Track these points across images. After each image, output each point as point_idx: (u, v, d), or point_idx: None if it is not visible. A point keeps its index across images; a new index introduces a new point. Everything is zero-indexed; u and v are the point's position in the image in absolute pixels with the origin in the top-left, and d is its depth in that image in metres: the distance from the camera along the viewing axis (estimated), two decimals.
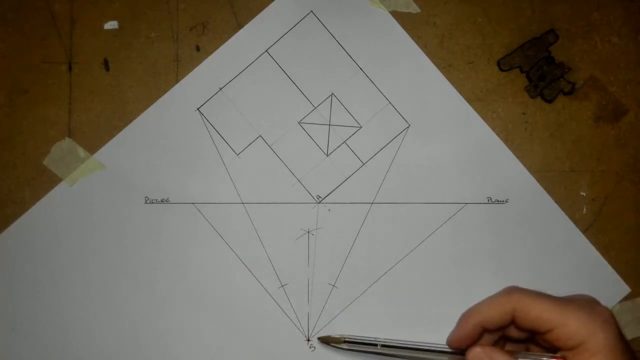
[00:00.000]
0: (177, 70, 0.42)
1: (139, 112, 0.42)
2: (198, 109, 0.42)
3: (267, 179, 0.42)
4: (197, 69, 0.42)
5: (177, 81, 0.42)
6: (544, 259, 0.41)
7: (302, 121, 0.42)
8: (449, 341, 0.37)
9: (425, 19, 0.42)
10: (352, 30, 0.42)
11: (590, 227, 0.42)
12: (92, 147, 0.42)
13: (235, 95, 0.42)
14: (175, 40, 0.42)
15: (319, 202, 0.42)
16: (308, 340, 0.41)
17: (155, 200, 0.42)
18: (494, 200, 0.42)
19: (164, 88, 0.42)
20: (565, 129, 0.42)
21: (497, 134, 0.42)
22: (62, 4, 0.42)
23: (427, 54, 0.42)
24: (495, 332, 0.36)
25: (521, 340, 0.37)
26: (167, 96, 0.42)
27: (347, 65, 0.42)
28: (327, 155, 0.42)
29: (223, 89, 0.42)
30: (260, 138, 0.42)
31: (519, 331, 0.36)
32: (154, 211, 0.42)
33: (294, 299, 0.42)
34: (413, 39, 0.42)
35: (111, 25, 0.42)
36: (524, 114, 0.42)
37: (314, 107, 0.42)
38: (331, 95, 0.42)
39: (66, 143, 0.42)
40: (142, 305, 0.41)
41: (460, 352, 0.37)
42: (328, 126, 0.42)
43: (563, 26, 0.42)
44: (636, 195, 0.42)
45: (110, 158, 0.42)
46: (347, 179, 0.42)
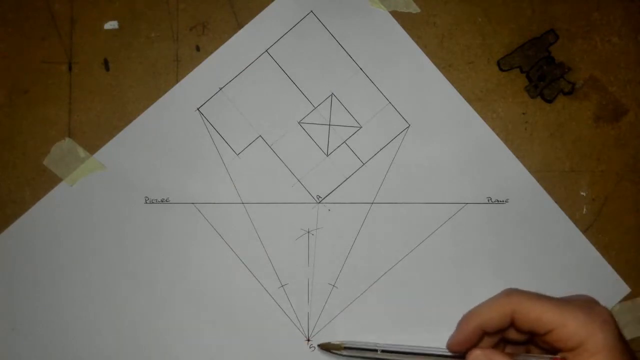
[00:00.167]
0: (177, 70, 0.42)
1: (139, 112, 0.42)
2: (198, 109, 0.42)
3: (267, 179, 0.42)
4: (197, 69, 0.42)
5: (177, 81, 0.42)
6: (544, 259, 0.41)
7: (302, 121, 0.42)
8: (449, 345, 0.37)
9: (425, 19, 0.42)
10: (352, 30, 0.42)
11: (590, 227, 0.42)
12: (92, 147, 0.42)
13: (235, 95, 0.42)
14: (175, 40, 0.42)
15: (319, 202, 0.42)
16: (308, 340, 0.41)
17: (155, 200, 0.42)
18: (494, 200, 0.42)
19: (164, 88, 0.42)
20: (565, 129, 0.42)
21: (497, 134, 0.42)
22: (62, 4, 0.42)
23: (427, 54, 0.42)
24: (495, 335, 0.36)
25: (521, 342, 0.37)
26: (167, 96, 0.42)
27: (347, 65, 0.42)
28: (327, 155, 0.42)
29: (223, 89, 0.42)
30: (260, 138, 0.42)
31: (519, 333, 0.36)
32: (154, 211, 0.42)
33: (294, 299, 0.42)
34: (413, 39, 0.42)
35: (111, 25, 0.42)
36: (524, 114, 0.42)
37: (314, 107, 0.42)
38: (331, 95, 0.42)
39: (66, 143, 0.42)
40: (142, 305, 0.41)
41: (460, 355, 0.37)
42: (328, 126, 0.42)
43: (563, 26, 0.42)
44: (636, 195, 0.42)
45: (110, 158, 0.42)
46: (347, 179, 0.42)
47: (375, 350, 0.39)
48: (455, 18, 0.42)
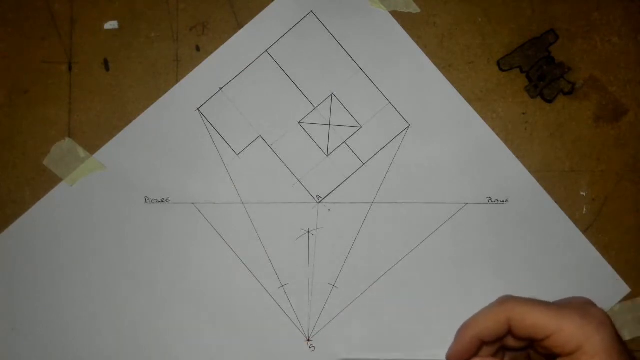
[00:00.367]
0: (177, 70, 0.42)
1: (139, 112, 0.42)
2: (198, 109, 0.42)
3: (267, 179, 0.42)
4: (197, 69, 0.42)
5: (177, 81, 0.42)
6: (544, 259, 0.41)
7: (302, 121, 0.42)
8: (448, 356, 0.37)
9: (425, 19, 0.42)
10: (352, 30, 0.42)
11: (590, 227, 0.42)
12: (92, 147, 0.42)
13: (235, 95, 0.42)
14: (175, 40, 0.42)
15: (319, 202, 0.42)
16: (308, 340, 0.41)
17: (155, 200, 0.42)
18: (494, 200, 0.42)
19: (164, 88, 0.42)
20: (565, 129, 0.42)
21: (497, 134, 0.42)
22: (62, 4, 0.42)
23: (427, 54, 0.42)
24: (493, 344, 0.36)
25: (521, 349, 0.37)
26: (167, 96, 0.42)
27: (347, 65, 0.42)
28: (327, 155, 0.42)
29: (223, 89, 0.42)
30: (260, 138, 0.42)
31: (517, 340, 0.36)
32: (154, 211, 0.42)
33: (294, 299, 0.42)
34: (413, 39, 0.42)
35: (111, 25, 0.42)
36: (524, 114, 0.42)
37: (314, 107, 0.42)
38: (331, 95, 0.42)
39: (66, 143, 0.42)
40: (142, 305, 0.41)
41: None
42: (328, 126, 0.42)
43: (563, 26, 0.42)
44: (636, 195, 0.42)
45: (110, 158, 0.42)
46: (347, 179, 0.42)
47: None
48: (455, 18, 0.42)
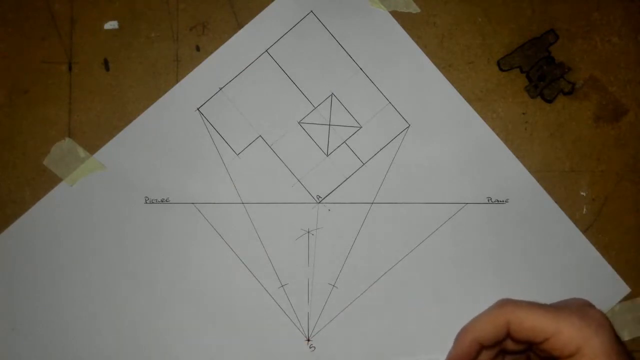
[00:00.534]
0: (177, 70, 0.42)
1: (139, 112, 0.42)
2: (198, 109, 0.42)
3: (267, 179, 0.42)
4: (197, 69, 0.42)
5: (177, 81, 0.42)
6: (544, 259, 0.41)
7: (302, 121, 0.42)
8: None
9: (425, 19, 0.42)
10: (352, 30, 0.42)
11: (590, 227, 0.42)
12: (92, 147, 0.42)
13: (235, 95, 0.42)
14: (175, 40, 0.42)
15: (319, 202, 0.42)
16: (308, 340, 0.41)
17: (155, 200, 0.42)
18: (494, 200, 0.42)
19: (164, 88, 0.42)
20: (565, 129, 0.42)
21: (497, 134, 0.42)
22: (62, 4, 0.42)
23: (427, 54, 0.42)
24: (493, 348, 0.36)
25: (520, 352, 0.37)
26: (167, 96, 0.42)
27: (347, 65, 0.42)
28: (327, 155, 0.42)
29: (223, 89, 0.42)
30: (260, 138, 0.42)
31: (516, 343, 0.35)
32: (154, 211, 0.42)
33: (294, 299, 0.42)
34: (413, 39, 0.42)
35: (111, 25, 0.42)
36: (524, 114, 0.42)
37: (314, 107, 0.42)
38: (331, 95, 0.42)
39: (66, 143, 0.42)
40: (142, 305, 0.41)
41: None
42: (328, 126, 0.42)
43: (563, 26, 0.42)
44: (636, 195, 0.42)
45: (110, 158, 0.42)
46: (347, 179, 0.42)
47: None
48: (455, 18, 0.42)
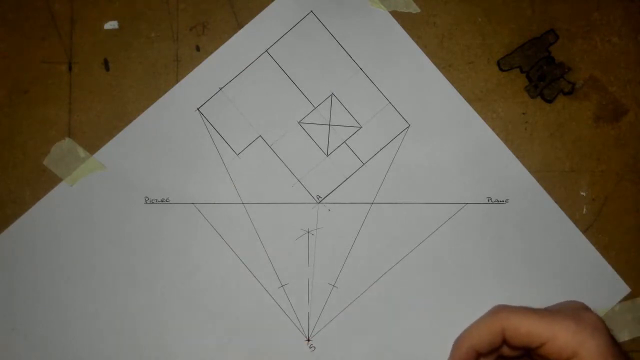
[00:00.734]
0: (177, 70, 0.42)
1: (139, 112, 0.42)
2: (198, 109, 0.42)
3: (267, 179, 0.42)
4: (197, 69, 0.42)
5: (177, 81, 0.42)
6: (544, 259, 0.41)
7: (302, 121, 0.42)
8: None
9: (425, 19, 0.42)
10: (352, 30, 0.42)
11: (590, 227, 0.42)
12: (92, 147, 0.42)
13: (235, 95, 0.42)
14: (175, 40, 0.42)
15: (319, 202, 0.42)
16: (308, 340, 0.41)
17: (155, 200, 0.42)
18: (494, 200, 0.42)
19: (164, 88, 0.42)
20: (565, 129, 0.42)
21: (497, 134, 0.42)
22: (62, 4, 0.42)
23: (427, 54, 0.42)
24: (490, 355, 0.36)
25: (518, 358, 0.36)
26: (167, 96, 0.42)
27: (347, 65, 0.42)
28: (327, 155, 0.42)
29: (223, 89, 0.42)
30: (260, 138, 0.42)
31: (513, 349, 0.35)
32: (154, 211, 0.42)
33: (294, 299, 0.42)
34: (413, 39, 0.42)
35: (111, 25, 0.42)
36: (524, 114, 0.42)
37: (314, 107, 0.42)
38: (331, 95, 0.42)
39: (66, 143, 0.42)
40: (142, 305, 0.41)
41: None
42: (328, 126, 0.42)
43: (563, 26, 0.42)
44: (636, 195, 0.42)
45: (110, 158, 0.42)
46: (347, 179, 0.42)
47: None
48: (455, 18, 0.42)
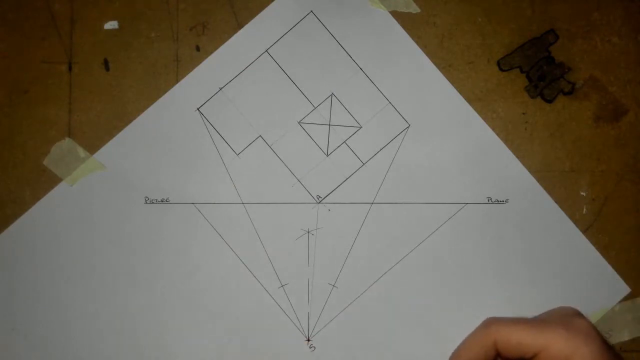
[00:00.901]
0: (177, 70, 0.42)
1: (139, 112, 0.42)
2: (198, 109, 0.42)
3: (267, 179, 0.42)
4: (197, 69, 0.42)
5: (177, 81, 0.42)
6: (544, 259, 0.41)
7: (302, 121, 0.42)
8: None
9: (425, 19, 0.42)
10: (352, 30, 0.42)
11: (590, 227, 0.42)
12: (92, 147, 0.42)
13: (235, 95, 0.42)
14: (175, 40, 0.42)
15: (319, 202, 0.42)
16: (308, 340, 0.41)
17: (155, 200, 0.42)
18: (494, 200, 0.42)
19: (164, 88, 0.42)
20: (565, 129, 0.42)
21: (497, 134, 0.42)
22: (62, 4, 0.42)
23: (427, 54, 0.42)
24: None
25: None
26: (167, 96, 0.42)
27: (347, 65, 0.42)
28: (327, 155, 0.42)
29: (223, 89, 0.42)
30: (260, 138, 0.42)
31: None
32: (154, 211, 0.42)
33: (294, 299, 0.42)
34: (413, 39, 0.42)
35: (111, 25, 0.42)
36: (524, 114, 0.42)
37: (314, 107, 0.42)
38: (331, 95, 0.42)
39: (66, 143, 0.42)
40: (142, 305, 0.41)
41: None
42: (328, 126, 0.42)
43: (563, 26, 0.42)
44: (636, 195, 0.42)
45: (110, 158, 0.42)
46: (347, 179, 0.42)
47: None
48: (455, 18, 0.42)
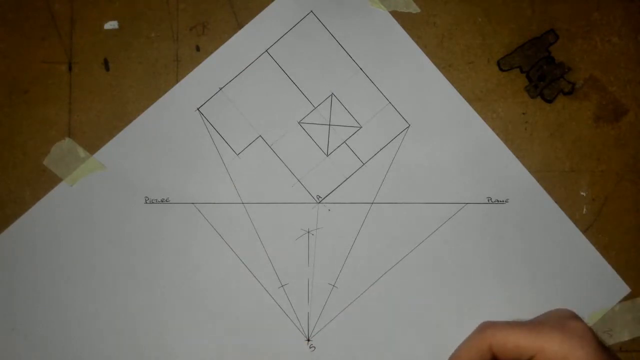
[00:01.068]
0: (177, 70, 0.42)
1: (139, 112, 0.42)
2: (198, 109, 0.42)
3: (267, 179, 0.42)
4: (197, 69, 0.42)
5: (177, 81, 0.42)
6: (544, 258, 0.41)
7: (302, 121, 0.42)
8: None
9: (425, 19, 0.42)
10: (352, 30, 0.42)
11: (590, 227, 0.42)
12: (92, 147, 0.42)
13: (235, 95, 0.42)
14: (175, 40, 0.42)
15: (319, 202, 0.42)
16: (308, 340, 0.41)
17: (155, 200, 0.42)
18: (494, 200, 0.42)
19: (164, 88, 0.42)
20: (565, 129, 0.42)
21: (497, 134, 0.42)
22: (62, 4, 0.42)
23: (427, 54, 0.42)
24: None
25: None
26: (167, 96, 0.42)
27: (347, 65, 0.42)
28: (327, 155, 0.42)
29: (223, 89, 0.42)
30: (260, 138, 0.42)
31: None
32: (154, 211, 0.42)
33: (294, 299, 0.42)
34: (413, 39, 0.42)
35: (111, 25, 0.42)
36: (524, 114, 0.42)
37: (314, 107, 0.42)
38: (331, 95, 0.42)
39: (66, 143, 0.42)
40: (142, 305, 0.41)
41: None
42: (328, 126, 0.42)
43: (563, 26, 0.42)
44: (636, 195, 0.42)
45: (110, 158, 0.42)
46: (347, 179, 0.42)
47: None
48: (455, 18, 0.42)
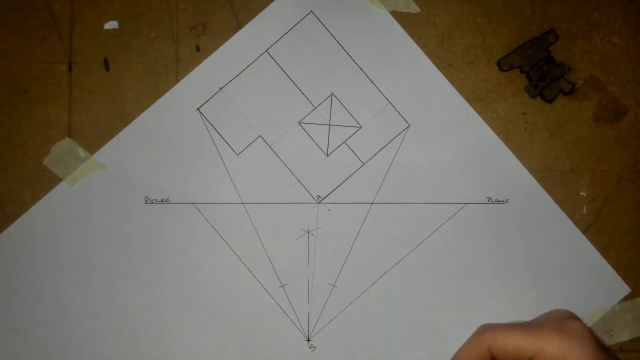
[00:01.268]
0: (177, 70, 0.42)
1: (139, 112, 0.42)
2: (198, 109, 0.42)
3: (267, 179, 0.42)
4: (197, 69, 0.42)
5: (177, 81, 0.42)
6: (544, 258, 0.41)
7: (302, 121, 0.42)
8: None
9: (425, 19, 0.42)
10: (352, 30, 0.42)
11: (590, 227, 0.42)
12: (92, 147, 0.42)
13: (235, 95, 0.42)
14: (175, 40, 0.42)
15: (319, 202, 0.42)
16: (308, 340, 0.41)
17: (155, 200, 0.42)
18: (494, 200, 0.42)
19: (164, 88, 0.42)
20: (565, 129, 0.42)
21: (497, 134, 0.42)
22: (62, 4, 0.42)
23: (427, 54, 0.42)
24: None
25: None
26: (167, 96, 0.42)
27: (347, 65, 0.42)
28: (327, 155, 0.42)
29: (223, 89, 0.42)
30: (260, 138, 0.42)
31: None
32: (154, 211, 0.42)
33: (294, 299, 0.42)
34: (413, 39, 0.42)
35: (111, 25, 0.42)
36: (524, 114, 0.42)
37: (314, 107, 0.42)
38: (331, 95, 0.42)
39: (66, 143, 0.42)
40: (142, 305, 0.41)
41: None
42: (328, 126, 0.42)
43: (563, 26, 0.42)
44: (636, 195, 0.42)
45: (110, 158, 0.42)
46: (347, 179, 0.42)
47: None
48: (455, 18, 0.42)
